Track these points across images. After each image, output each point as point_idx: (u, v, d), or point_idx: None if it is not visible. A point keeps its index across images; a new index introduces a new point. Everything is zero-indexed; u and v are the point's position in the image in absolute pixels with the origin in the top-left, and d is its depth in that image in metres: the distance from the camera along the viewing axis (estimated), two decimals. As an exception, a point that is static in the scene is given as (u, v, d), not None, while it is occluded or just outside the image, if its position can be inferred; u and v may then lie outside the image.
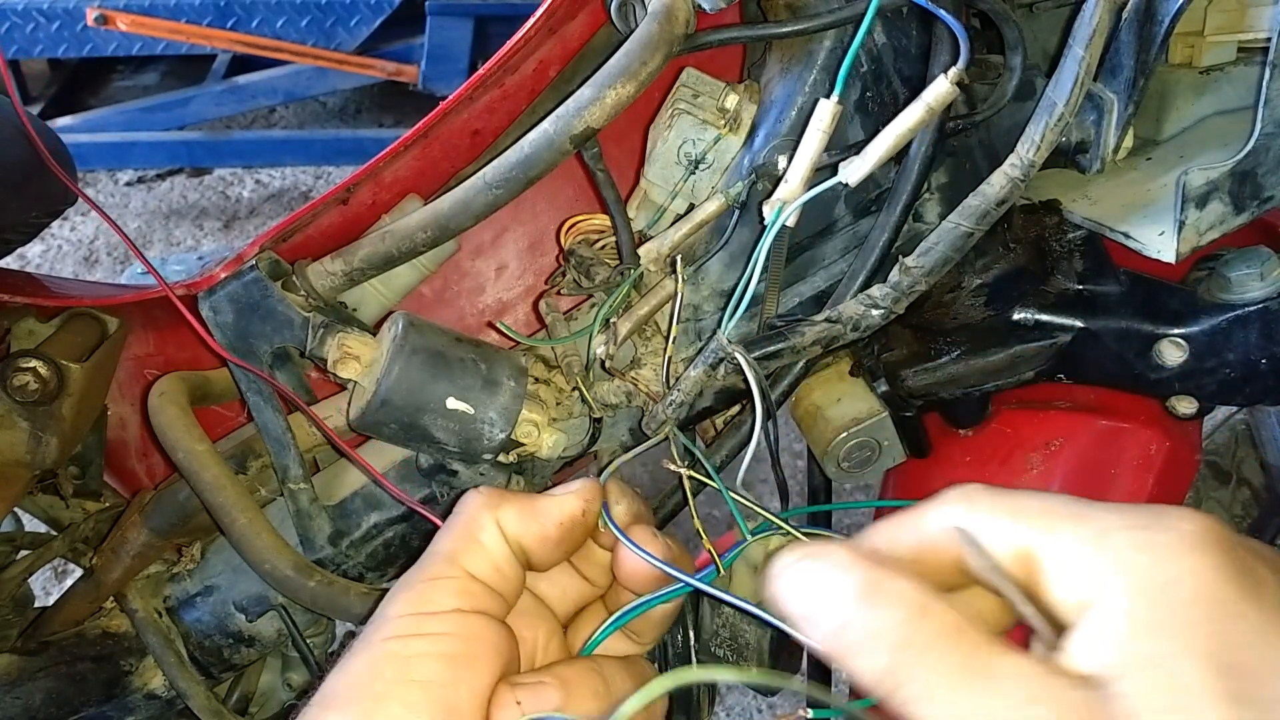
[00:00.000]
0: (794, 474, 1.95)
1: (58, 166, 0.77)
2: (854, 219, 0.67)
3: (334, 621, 0.79)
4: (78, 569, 0.79)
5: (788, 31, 0.64)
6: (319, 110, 3.72)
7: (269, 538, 0.66)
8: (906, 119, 0.58)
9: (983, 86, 0.65)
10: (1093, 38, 0.54)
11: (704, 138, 0.67)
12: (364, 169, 0.69)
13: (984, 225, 0.57)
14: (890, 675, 0.36)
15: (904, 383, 0.73)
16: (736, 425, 0.72)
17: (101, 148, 3.26)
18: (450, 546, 0.48)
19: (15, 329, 0.74)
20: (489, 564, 0.48)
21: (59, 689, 0.73)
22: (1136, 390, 0.72)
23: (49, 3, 3.12)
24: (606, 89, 0.59)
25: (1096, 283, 0.70)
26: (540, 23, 0.66)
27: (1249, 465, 0.94)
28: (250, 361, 0.66)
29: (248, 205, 3.27)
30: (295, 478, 0.68)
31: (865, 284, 0.62)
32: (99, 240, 3.12)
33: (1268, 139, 0.59)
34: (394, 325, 0.63)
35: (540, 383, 0.69)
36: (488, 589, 0.47)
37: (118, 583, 0.74)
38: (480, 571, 0.47)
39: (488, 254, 0.81)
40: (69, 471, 0.79)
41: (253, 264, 0.65)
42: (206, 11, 3.04)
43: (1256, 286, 0.66)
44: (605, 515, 0.51)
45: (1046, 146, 0.55)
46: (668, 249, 0.67)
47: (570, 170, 0.74)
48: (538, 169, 0.61)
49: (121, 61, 3.84)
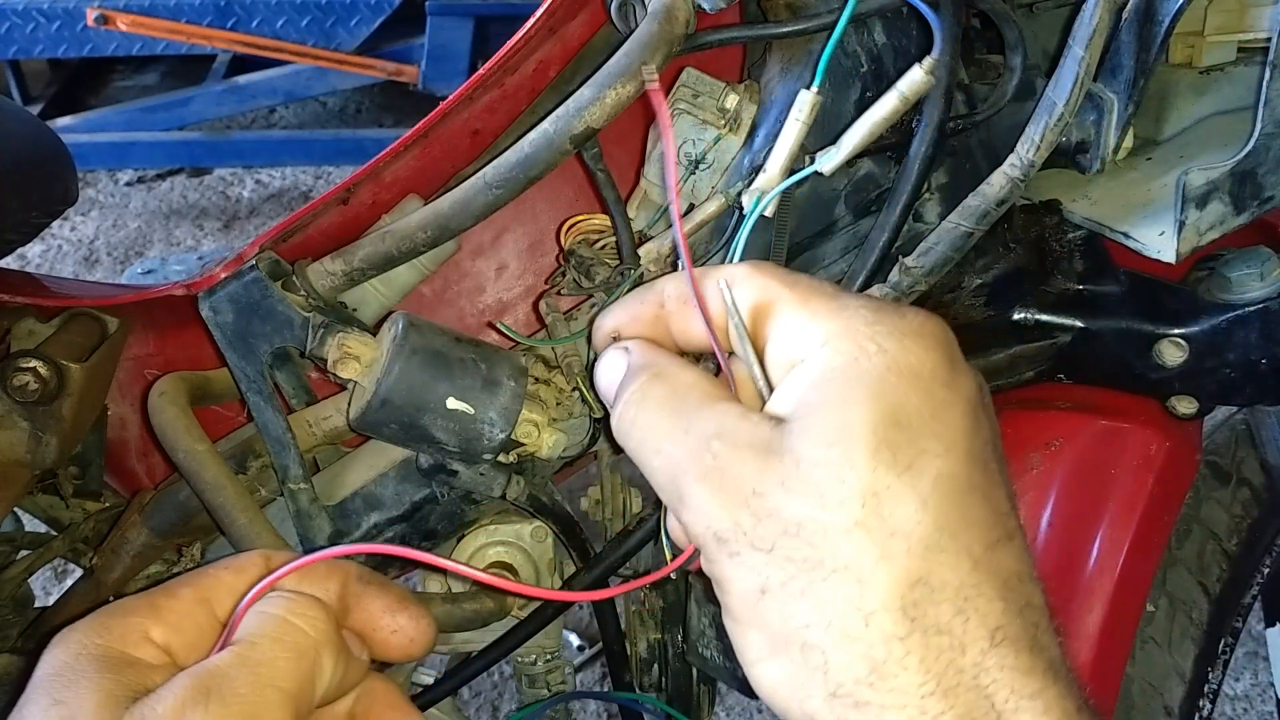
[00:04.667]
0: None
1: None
2: (854, 219, 0.67)
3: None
4: (78, 569, 0.79)
5: (788, 31, 0.64)
6: (319, 110, 3.72)
7: (269, 538, 0.66)
8: (881, 109, 0.58)
9: (983, 86, 0.65)
10: (1092, 38, 0.54)
11: (704, 138, 0.67)
12: (364, 169, 0.69)
13: (984, 225, 0.57)
14: (629, 429, 0.42)
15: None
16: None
17: (101, 148, 3.26)
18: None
19: (15, 329, 0.74)
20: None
21: (59, 689, 0.73)
22: (1136, 390, 0.72)
23: (49, 3, 3.12)
24: (606, 89, 0.59)
25: (1096, 283, 0.70)
26: (540, 23, 0.66)
27: (1249, 465, 0.93)
28: (250, 362, 0.66)
29: (248, 205, 3.27)
30: (295, 478, 0.68)
31: (865, 284, 0.62)
32: (99, 240, 3.12)
33: (1268, 139, 0.59)
34: (394, 325, 0.63)
35: (540, 383, 0.69)
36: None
37: (118, 583, 0.74)
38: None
39: (488, 254, 0.81)
40: (69, 471, 0.79)
41: (253, 264, 0.65)
42: (206, 11, 3.04)
43: (1256, 286, 0.66)
44: None
45: (1046, 146, 0.55)
46: (668, 249, 0.67)
47: (570, 170, 0.74)
48: (538, 169, 0.61)
49: (121, 61, 3.84)
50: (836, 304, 0.40)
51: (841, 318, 0.40)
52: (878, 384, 0.38)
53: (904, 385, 0.38)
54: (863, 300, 0.41)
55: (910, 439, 0.37)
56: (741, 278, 0.43)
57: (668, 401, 0.42)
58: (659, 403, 0.42)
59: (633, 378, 0.43)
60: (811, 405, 0.38)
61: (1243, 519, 0.92)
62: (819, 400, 0.38)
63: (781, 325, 0.41)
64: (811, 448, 0.37)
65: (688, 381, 0.42)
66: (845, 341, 0.39)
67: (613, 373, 0.45)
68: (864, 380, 0.38)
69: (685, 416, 0.41)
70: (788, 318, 0.41)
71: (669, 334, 0.46)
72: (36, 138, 0.85)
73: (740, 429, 0.39)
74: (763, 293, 0.42)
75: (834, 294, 0.41)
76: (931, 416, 0.38)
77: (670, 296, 0.46)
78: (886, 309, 0.40)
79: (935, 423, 0.38)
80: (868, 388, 0.37)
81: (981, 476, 0.39)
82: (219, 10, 3.04)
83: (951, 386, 0.39)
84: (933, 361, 0.39)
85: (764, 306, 0.42)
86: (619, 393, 0.44)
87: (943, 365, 0.39)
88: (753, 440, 0.39)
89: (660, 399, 0.42)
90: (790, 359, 0.41)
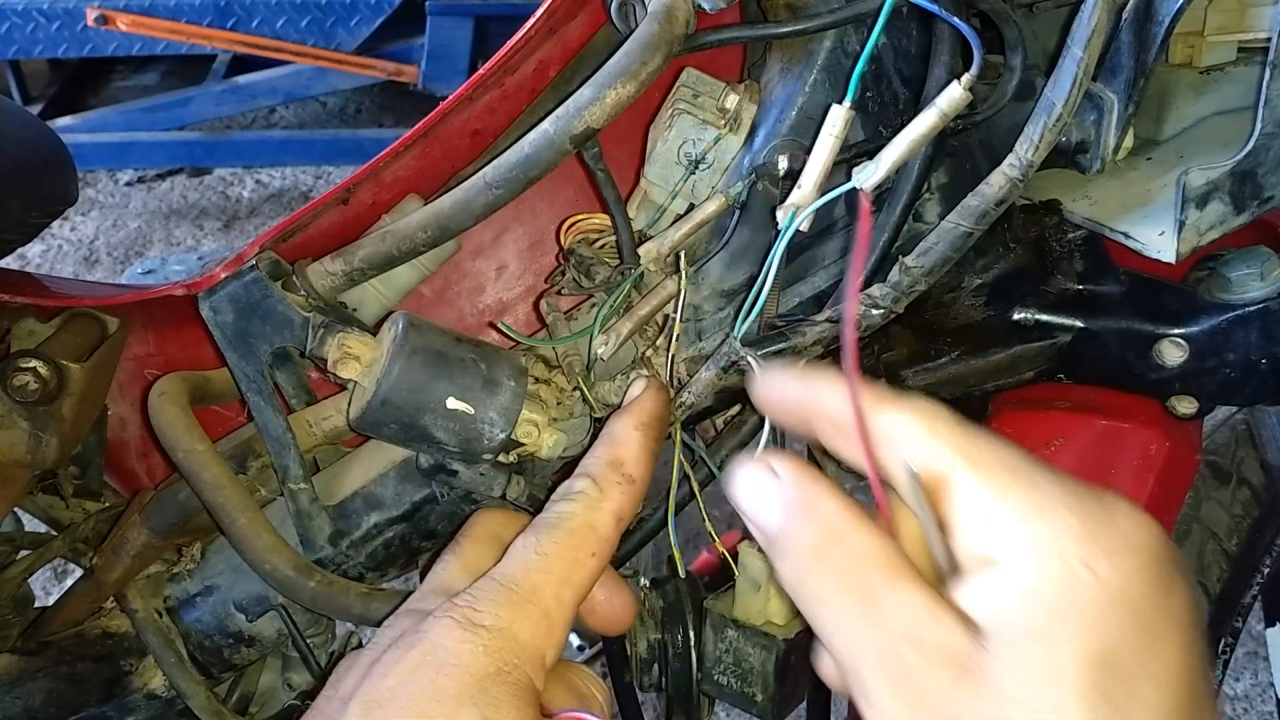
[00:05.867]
0: (794, 474, 1.95)
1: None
2: (854, 219, 0.67)
3: (334, 621, 0.79)
4: (78, 569, 0.79)
5: (788, 31, 0.64)
6: (319, 110, 3.72)
7: (269, 538, 0.66)
8: (920, 125, 0.57)
9: (983, 86, 0.65)
10: (1091, 38, 0.54)
11: (704, 138, 0.67)
12: (364, 169, 0.69)
13: (983, 225, 0.57)
14: (799, 586, 0.40)
15: (904, 383, 0.73)
16: (736, 425, 0.72)
17: (101, 148, 3.26)
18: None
19: (15, 329, 0.74)
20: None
21: (59, 689, 0.73)
22: (1136, 390, 0.72)
23: (49, 3, 3.12)
24: (606, 89, 0.59)
25: (1096, 283, 0.70)
26: (540, 23, 0.66)
27: (1249, 465, 0.93)
28: (250, 362, 0.66)
29: (248, 205, 3.27)
30: (295, 478, 0.68)
31: (865, 284, 0.62)
32: (99, 240, 3.12)
33: (1268, 139, 0.59)
34: (394, 325, 0.63)
35: (541, 383, 0.69)
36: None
37: (118, 583, 0.74)
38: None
39: (488, 254, 0.81)
40: (69, 471, 0.79)
41: (253, 264, 0.65)
42: (206, 11, 3.04)
43: (1256, 286, 0.66)
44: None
45: (1045, 146, 0.55)
46: (668, 249, 0.67)
47: (570, 170, 0.74)
48: (538, 169, 0.61)
49: (121, 61, 3.84)
50: (1031, 493, 0.37)
51: (1044, 522, 0.36)
52: (1091, 619, 0.35)
53: (1118, 619, 0.35)
54: (1060, 491, 0.37)
55: (1125, 686, 0.34)
56: (911, 433, 0.40)
57: (849, 574, 0.38)
58: (838, 573, 0.39)
59: (799, 524, 0.40)
60: (1015, 629, 0.35)
61: (1243, 519, 0.92)
62: (1024, 628, 0.35)
63: (968, 507, 0.38)
64: (1017, 685, 0.34)
65: (868, 551, 0.39)
66: (1052, 559, 0.36)
67: (761, 499, 0.42)
68: (1075, 613, 0.35)
69: (870, 599, 0.38)
70: (974, 500, 0.38)
71: (811, 428, 0.43)
72: (36, 138, 0.85)
73: (934, 634, 0.36)
74: (938, 459, 0.39)
75: (1024, 473, 0.38)
76: (1147, 653, 0.35)
77: (828, 417, 0.42)
78: (1091, 509, 0.37)
79: (1151, 661, 0.35)
80: (1080, 622, 0.35)
81: (1192, 711, 0.36)
82: (219, 10, 3.04)
83: (1167, 613, 0.36)
84: (1148, 584, 0.36)
85: (940, 478, 0.39)
86: (781, 538, 0.41)
87: (1159, 588, 0.36)
88: (949, 652, 0.36)
89: (839, 569, 0.39)
90: (981, 553, 0.37)
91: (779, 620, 0.69)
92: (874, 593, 0.38)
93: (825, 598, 0.39)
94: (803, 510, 0.40)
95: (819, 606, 0.39)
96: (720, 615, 0.70)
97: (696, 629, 0.78)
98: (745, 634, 0.69)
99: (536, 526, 0.50)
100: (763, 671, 0.69)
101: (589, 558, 0.49)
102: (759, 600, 0.69)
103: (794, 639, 0.68)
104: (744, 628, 0.69)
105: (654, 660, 0.81)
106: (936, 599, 0.37)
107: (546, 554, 0.48)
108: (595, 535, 0.50)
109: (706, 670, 0.72)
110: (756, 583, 0.68)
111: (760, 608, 0.69)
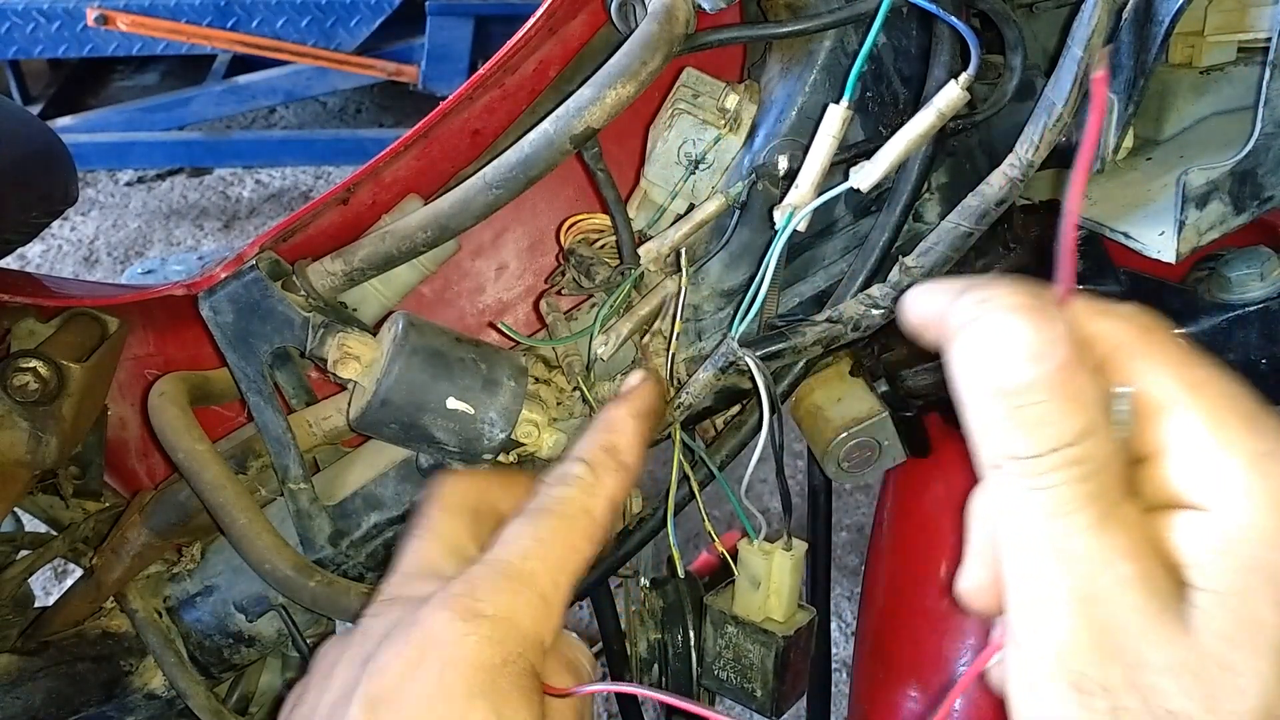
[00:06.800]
0: (793, 474, 1.95)
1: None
2: (854, 219, 0.67)
3: (334, 621, 0.79)
4: (78, 569, 0.79)
5: (788, 31, 0.64)
6: (319, 110, 3.72)
7: (269, 538, 0.66)
8: (918, 125, 0.57)
9: (983, 86, 0.65)
10: (1091, 38, 0.54)
11: (704, 138, 0.67)
12: (364, 169, 0.69)
13: (983, 225, 0.57)
14: (1034, 475, 0.35)
15: (904, 383, 0.73)
16: (736, 425, 0.72)
17: (101, 148, 3.26)
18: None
19: (15, 329, 0.74)
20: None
21: (59, 689, 0.73)
22: (1136, 390, 0.72)
23: (49, 3, 3.13)
24: (606, 89, 0.59)
25: (1096, 283, 0.70)
26: (540, 23, 0.66)
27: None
28: (250, 362, 0.66)
29: (248, 205, 3.28)
30: (295, 478, 0.68)
31: (865, 284, 0.62)
32: (99, 240, 3.12)
33: (1268, 139, 0.59)
34: (394, 325, 0.63)
35: (541, 383, 0.69)
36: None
37: (118, 583, 0.74)
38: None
39: (488, 254, 0.81)
40: (69, 471, 0.79)
41: (253, 264, 0.65)
42: (206, 11, 3.04)
43: (1256, 286, 0.66)
44: None
45: (1045, 146, 0.55)
46: (668, 249, 0.67)
47: (570, 170, 0.74)
48: (538, 169, 0.61)
49: (121, 61, 3.84)
50: (1256, 441, 0.35)
51: (1266, 474, 0.34)
52: None
53: None
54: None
55: None
56: (1124, 346, 0.37)
57: (1093, 478, 0.34)
58: (1085, 475, 0.34)
59: (1063, 406, 0.34)
60: (1221, 583, 0.34)
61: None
62: (1231, 585, 0.34)
63: (1182, 445, 0.36)
64: (1216, 641, 0.33)
65: (1109, 458, 0.35)
66: (1272, 517, 0.34)
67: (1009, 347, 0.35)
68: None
69: (1104, 513, 0.35)
70: (1192, 438, 0.35)
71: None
72: (36, 138, 0.85)
73: (1141, 566, 0.34)
74: (1155, 383, 0.36)
75: (1250, 416, 0.35)
76: None
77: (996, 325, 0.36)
78: None
79: None
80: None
81: None
82: (219, 10, 3.04)
83: None
84: None
85: (1155, 405, 0.36)
86: (1035, 461, 0.35)
87: None
88: (1153, 588, 0.34)
89: (1088, 471, 0.34)
90: (1191, 497, 0.35)
91: (778, 617, 0.69)
92: (1107, 508, 0.35)
93: (1065, 500, 0.34)
94: (1066, 388, 0.34)
95: (1056, 507, 0.34)
96: (720, 611, 0.70)
97: (696, 628, 0.78)
98: (745, 630, 0.69)
99: (532, 511, 0.50)
100: (762, 668, 0.69)
101: (584, 542, 0.49)
102: (759, 597, 0.69)
103: (793, 636, 0.68)
104: (744, 624, 0.69)
105: (654, 660, 0.82)
106: (1150, 529, 0.35)
107: (543, 540, 0.48)
108: (590, 520, 0.50)
109: (707, 665, 0.73)
110: (756, 580, 0.68)
111: (760, 604, 0.69)
